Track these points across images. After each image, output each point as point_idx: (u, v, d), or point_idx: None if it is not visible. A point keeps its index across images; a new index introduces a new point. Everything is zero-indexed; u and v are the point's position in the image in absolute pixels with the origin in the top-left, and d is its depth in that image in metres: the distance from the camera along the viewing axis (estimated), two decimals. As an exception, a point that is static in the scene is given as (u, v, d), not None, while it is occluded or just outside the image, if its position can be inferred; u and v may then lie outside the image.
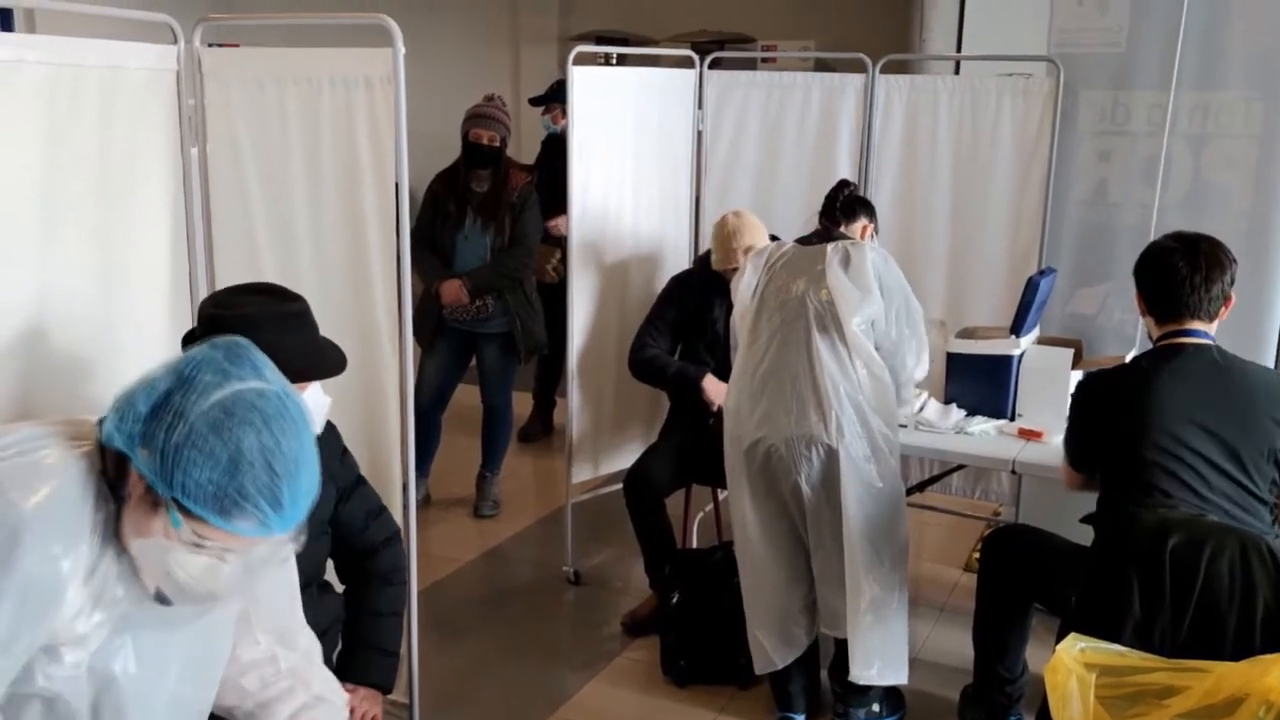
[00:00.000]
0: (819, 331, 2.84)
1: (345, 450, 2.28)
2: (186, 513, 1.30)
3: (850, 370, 2.84)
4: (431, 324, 4.37)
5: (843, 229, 3.12)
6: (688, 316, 3.68)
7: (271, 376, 1.38)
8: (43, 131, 2.21)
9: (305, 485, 1.36)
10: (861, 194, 3.26)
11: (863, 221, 3.22)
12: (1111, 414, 2.50)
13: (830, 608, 2.95)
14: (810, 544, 2.93)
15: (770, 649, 2.99)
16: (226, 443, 1.28)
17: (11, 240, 2.15)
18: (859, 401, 2.83)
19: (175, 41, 2.52)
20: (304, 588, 2.12)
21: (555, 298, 4.57)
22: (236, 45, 3.05)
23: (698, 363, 3.65)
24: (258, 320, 1.97)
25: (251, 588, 1.48)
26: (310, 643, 1.81)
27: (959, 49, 5.00)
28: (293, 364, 2.03)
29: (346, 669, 2.21)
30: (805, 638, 3.01)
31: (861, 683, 2.91)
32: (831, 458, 2.82)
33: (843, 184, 3.24)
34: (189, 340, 2.06)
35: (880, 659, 2.89)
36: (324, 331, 2.49)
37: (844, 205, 3.16)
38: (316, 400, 2.09)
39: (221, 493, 1.29)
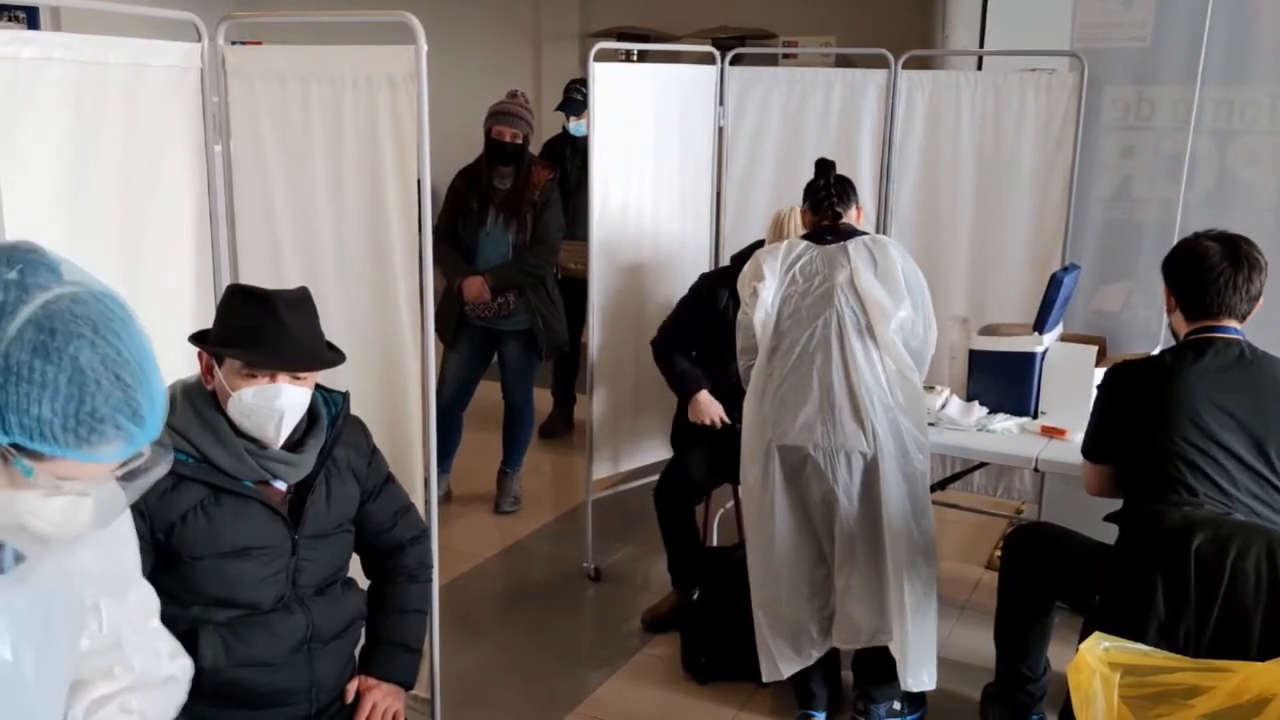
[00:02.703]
0: (853, 337, 2.81)
1: (375, 450, 2.28)
2: (35, 455, 1.10)
3: (882, 375, 2.82)
4: (454, 321, 4.38)
5: (845, 219, 3.01)
6: (714, 315, 3.65)
7: (72, 275, 1.16)
8: (68, 129, 2.23)
9: (157, 386, 1.17)
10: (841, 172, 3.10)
11: (855, 204, 3.09)
12: (1138, 406, 2.48)
13: (851, 622, 2.91)
14: (836, 557, 2.90)
15: (779, 658, 2.98)
16: (60, 365, 1.08)
17: (37, 237, 2.16)
18: (890, 405, 2.81)
19: (199, 39, 2.54)
20: (328, 584, 2.14)
21: (576, 294, 4.59)
22: (260, 43, 3.07)
23: (719, 364, 3.63)
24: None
25: (114, 521, 1.26)
26: (145, 598, 1.60)
27: (982, 45, 4.98)
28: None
29: (370, 664, 2.22)
30: (816, 651, 2.99)
31: (916, 690, 2.91)
32: (871, 468, 2.80)
33: (824, 166, 3.08)
34: (198, 339, 2.05)
35: (928, 664, 2.89)
36: (346, 327, 2.51)
37: (839, 192, 3.01)
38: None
39: (74, 423, 1.09)
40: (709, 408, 3.53)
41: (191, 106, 2.54)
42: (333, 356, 2.09)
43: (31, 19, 6.90)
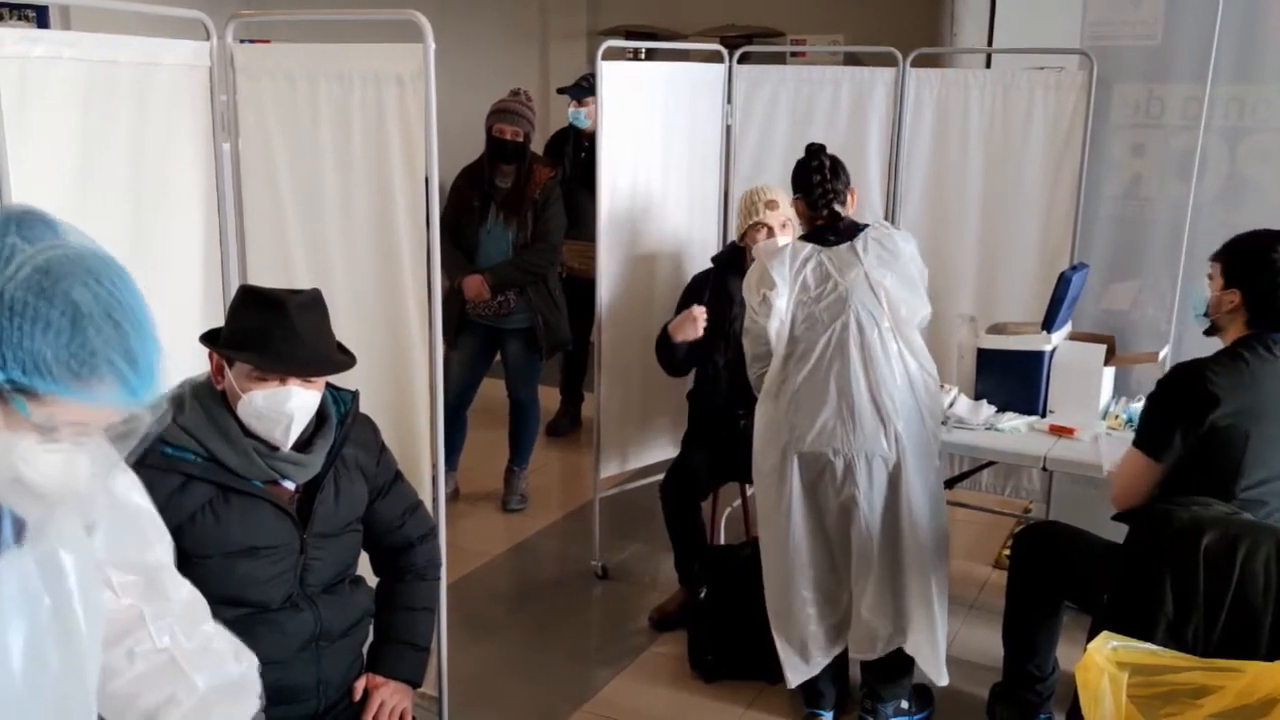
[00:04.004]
0: (872, 339, 2.79)
1: (384, 447, 2.28)
2: (32, 395, 1.10)
3: (903, 375, 2.80)
4: (455, 320, 4.37)
5: (842, 213, 2.95)
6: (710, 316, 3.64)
7: (72, 234, 1.17)
8: (77, 127, 2.24)
9: (153, 341, 1.17)
10: (831, 154, 3.02)
11: (849, 189, 3.00)
12: (1218, 403, 2.43)
13: (869, 631, 2.90)
14: (852, 566, 2.89)
15: (788, 667, 2.99)
16: (56, 303, 1.09)
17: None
18: (913, 406, 2.81)
19: (208, 38, 2.54)
20: (336, 582, 2.15)
21: (583, 293, 4.58)
22: (268, 41, 3.07)
23: (710, 364, 3.63)
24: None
25: (111, 486, 1.25)
26: (191, 601, 1.56)
27: (990, 42, 4.96)
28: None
29: (378, 662, 2.22)
30: (823, 659, 2.98)
31: (942, 684, 2.92)
32: (894, 471, 2.80)
33: (813, 152, 2.98)
34: (209, 339, 2.06)
35: (943, 659, 2.91)
36: (354, 325, 2.51)
37: (832, 183, 2.93)
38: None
39: (69, 357, 1.09)
40: (684, 319, 3.52)
41: (200, 105, 2.55)
42: (343, 359, 2.09)
43: (41, 18, 6.91)
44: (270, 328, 1.97)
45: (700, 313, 3.51)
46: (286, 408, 1.97)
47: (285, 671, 2.03)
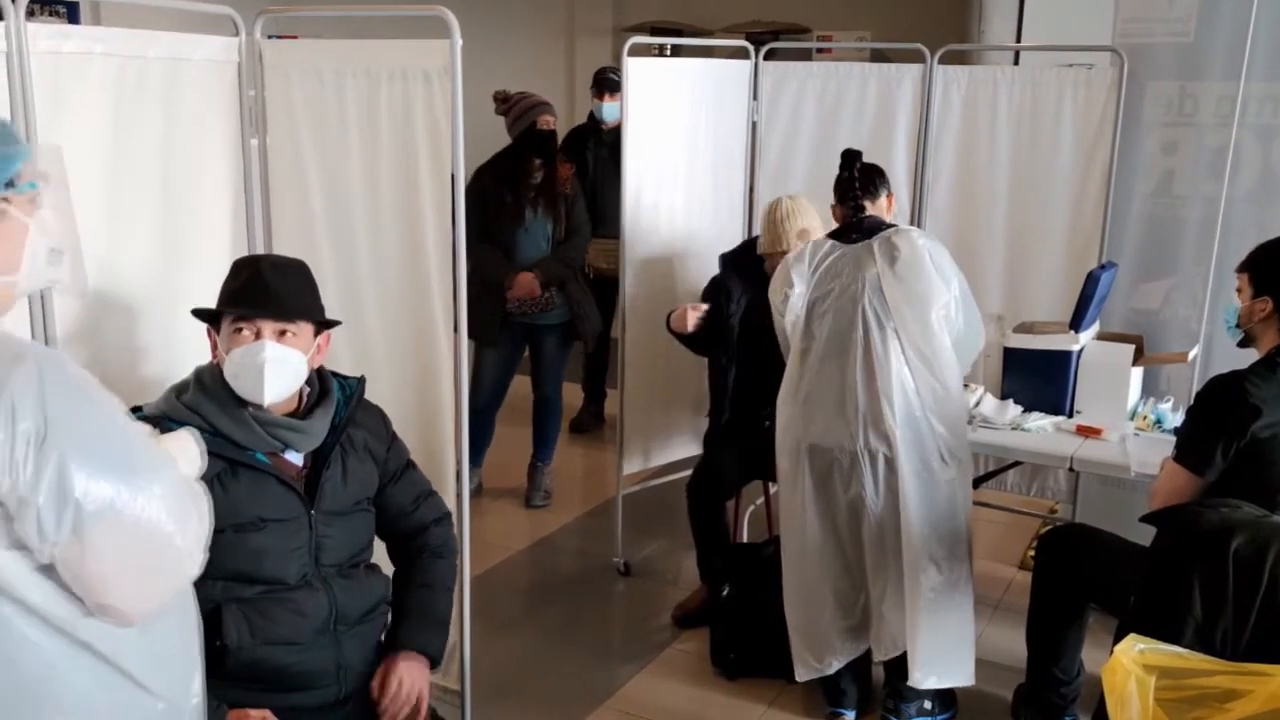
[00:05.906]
0: (876, 338, 2.79)
1: (395, 435, 2.31)
2: None
3: (907, 375, 2.79)
4: (497, 320, 4.35)
5: (870, 210, 2.96)
6: (713, 315, 3.65)
7: None
8: (108, 123, 2.26)
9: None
10: (869, 161, 3.05)
11: (885, 193, 3.02)
12: (1260, 415, 2.41)
13: (890, 631, 2.90)
14: (868, 567, 2.89)
15: (798, 663, 2.99)
16: None
17: (79, 229, 2.19)
18: (915, 407, 2.79)
19: (237, 34, 2.56)
20: (351, 566, 2.17)
21: (607, 291, 4.58)
22: (295, 37, 3.09)
23: (716, 365, 3.65)
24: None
25: None
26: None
27: (1019, 39, 4.93)
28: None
29: (395, 637, 2.22)
30: (836, 662, 2.98)
31: (922, 688, 2.90)
32: (891, 469, 2.79)
33: (850, 156, 3.03)
34: (203, 314, 2.12)
35: (941, 665, 2.88)
36: (380, 320, 2.52)
37: (863, 182, 2.96)
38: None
39: None
40: (681, 314, 3.58)
41: (229, 100, 2.56)
42: (309, 305, 2.14)
43: (72, 14, 6.97)
44: (243, 283, 2.08)
45: (696, 310, 3.59)
46: (258, 360, 2.03)
47: (305, 654, 2.05)
